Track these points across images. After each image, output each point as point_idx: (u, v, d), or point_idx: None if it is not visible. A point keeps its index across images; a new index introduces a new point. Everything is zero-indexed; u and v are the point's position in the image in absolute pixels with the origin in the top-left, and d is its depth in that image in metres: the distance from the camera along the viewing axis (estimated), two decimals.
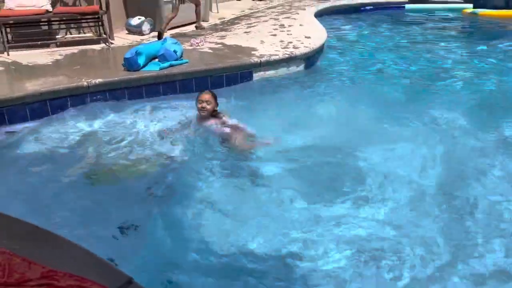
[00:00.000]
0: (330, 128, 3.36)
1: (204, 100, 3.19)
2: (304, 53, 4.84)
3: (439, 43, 6.33)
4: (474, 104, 3.91)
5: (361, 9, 8.86)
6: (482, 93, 4.24)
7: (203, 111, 3.21)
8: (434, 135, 3.22)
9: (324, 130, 3.31)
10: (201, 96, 3.22)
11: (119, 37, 5.56)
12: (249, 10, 8.09)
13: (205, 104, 3.19)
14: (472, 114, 3.64)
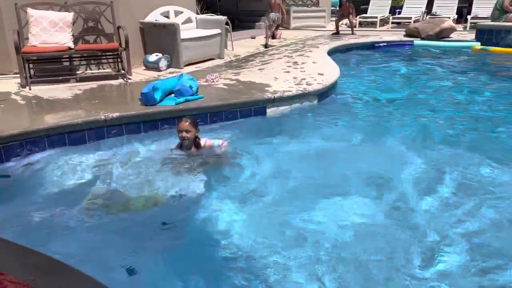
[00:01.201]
0: (340, 165, 3.36)
1: (183, 129, 3.19)
2: (317, 89, 4.91)
3: (452, 78, 6.36)
4: (481, 138, 3.91)
5: (373, 46, 9.00)
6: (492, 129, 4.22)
7: (184, 141, 3.21)
8: (445, 171, 3.19)
9: (334, 166, 3.32)
10: (180, 126, 3.22)
11: (137, 73, 5.72)
12: (263, 48, 8.28)
13: (185, 133, 3.19)
14: (479, 148, 3.65)
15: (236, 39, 8.87)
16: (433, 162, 3.38)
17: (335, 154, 3.61)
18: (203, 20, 7.16)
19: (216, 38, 6.81)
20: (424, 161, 3.38)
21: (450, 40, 9.05)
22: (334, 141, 3.90)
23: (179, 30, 5.99)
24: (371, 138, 3.94)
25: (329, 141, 3.88)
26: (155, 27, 6.19)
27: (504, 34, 8.35)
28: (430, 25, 9.28)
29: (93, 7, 5.51)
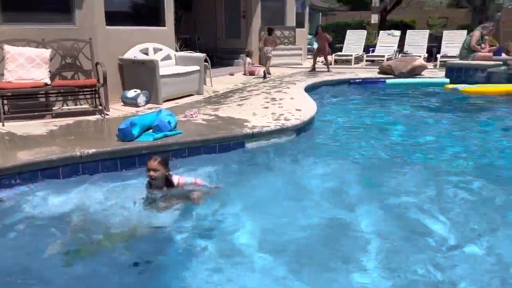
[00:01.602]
0: (316, 201, 3.35)
1: (151, 168, 3.13)
2: (295, 124, 4.97)
3: (423, 115, 6.55)
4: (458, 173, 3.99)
5: (348, 83, 9.25)
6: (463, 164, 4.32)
7: (153, 180, 3.15)
8: (419, 207, 3.24)
9: (310, 203, 3.32)
10: (148, 164, 3.16)
11: (114, 109, 5.69)
12: (242, 84, 8.41)
13: (152, 172, 3.12)
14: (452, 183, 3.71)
15: (215, 76, 8.99)
16: (408, 194, 3.42)
17: (312, 191, 3.60)
18: (182, 57, 7.26)
19: (195, 75, 6.89)
20: (398, 196, 3.41)
21: (422, 78, 9.39)
22: (312, 178, 3.90)
23: (158, 66, 6.04)
24: (348, 174, 3.96)
25: (307, 178, 3.88)
26: (134, 63, 6.23)
27: (472, 72, 8.73)
28: (402, 63, 9.64)
29: (71, 44, 5.53)
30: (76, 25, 5.59)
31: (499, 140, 5.15)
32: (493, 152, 4.70)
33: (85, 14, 5.61)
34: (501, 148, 4.82)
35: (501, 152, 4.70)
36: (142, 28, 6.75)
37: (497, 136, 5.38)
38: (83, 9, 5.59)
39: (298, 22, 13.31)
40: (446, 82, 8.79)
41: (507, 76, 8.28)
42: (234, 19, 12.75)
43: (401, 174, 3.96)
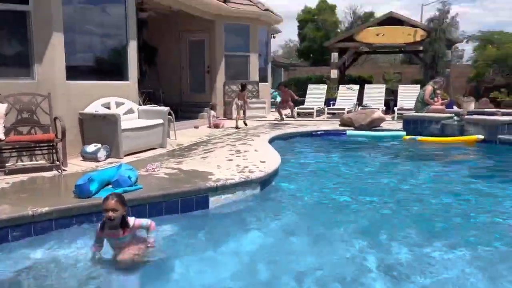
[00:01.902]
0: (282, 260, 3.26)
1: (110, 208, 2.96)
2: (259, 177, 4.95)
3: (383, 165, 6.73)
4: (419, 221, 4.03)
5: (311, 135, 9.44)
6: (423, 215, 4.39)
7: (110, 221, 2.98)
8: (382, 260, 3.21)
9: (275, 262, 3.22)
10: (105, 204, 2.98)
11: (73, 164, 5.50)
12: (206, 137, 8.41)
13: (111, 212, 2.95)
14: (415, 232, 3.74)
15: (180, 129, 8.97)
16: (373, 250, 3.41)
17: (275, 248, 3.51)
18: (145, 111, 7.23)
19: (158, 128, 6.84)
20: (364, 251, 3.39)
21: (381, 130, 9.73)
22: (275, 233, 3.81)
23: (120, 120, 5.96)
24: (312, 228, 3.93)
25: (270, 234, 3.79)
26: (95, 117, 6.12)
27: (427, 124, 9.15)
28: (362, 115, 9.99)
29: (29, 99, 5.40)
30: (35, 79, 5.50)
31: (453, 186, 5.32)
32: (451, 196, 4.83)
33: (45, 68, 5.55)
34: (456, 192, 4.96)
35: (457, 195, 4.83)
36: (105, 82, 6.72)
37: (448, 182, 5.56)
38: (43, 64, 5.53)
39: (262, 76, 13.71)
40: (402, 134, 9.14)
41: (459, 128, 8.71)
42: (198, 74, 13.00)
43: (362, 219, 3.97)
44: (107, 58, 7.11)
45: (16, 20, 5.42)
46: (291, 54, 43.21)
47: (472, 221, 4.11)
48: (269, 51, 14.78)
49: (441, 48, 14.22)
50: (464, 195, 4.98)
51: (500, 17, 59.60)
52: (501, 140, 7.87)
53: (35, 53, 5.46)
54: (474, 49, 21.28)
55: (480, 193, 5.07)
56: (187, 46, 13.05)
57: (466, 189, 5.22)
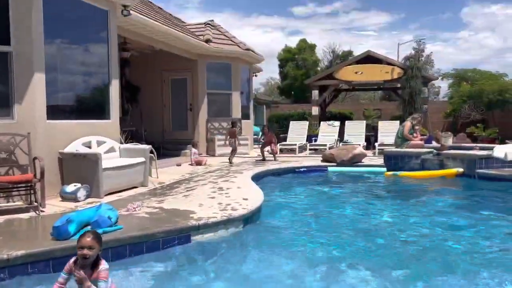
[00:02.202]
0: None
1: (86, 246, 2.79)
2: (242, 214, 4.91)
3: (368, 201, 6.76)
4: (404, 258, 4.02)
5: (294, 171, 9.48)
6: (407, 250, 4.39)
7: (84, 260, 2.81)
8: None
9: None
10: (81, 242, 2.82)
11: (51, 205, 5.37)
12: (188, 175, 8.36)
13: (87, 250, 2.79)
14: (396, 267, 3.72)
15: (162, 167, 8.91)
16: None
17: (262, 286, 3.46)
18: (127, 149, 7.18)
19: (140, 167, 6.78)
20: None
21: (362, 165, 9.84)
22: (259, 271, 3.76)
23: (101, 159, 5.90)
24: (297, 264, 3.88)
25: (254, 272, 3.73)
26: (75, 157, 6.05)
27: (407, 159, 9.30)
28: (343, 151, 10.11)
29: (8, 139, 5.32)
30: (14, 119, 5.43)
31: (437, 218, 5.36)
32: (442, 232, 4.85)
33: (25, 108, 5.50)
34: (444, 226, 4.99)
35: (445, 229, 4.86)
36: (87, 121, 6.69)
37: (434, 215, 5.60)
38: (23, 104, 5.48)
39: (244, 114, 13.87)
40: (383, 170, 9.27)
41: (439, 162, 8.88)
42: (181, 112, 13.09)
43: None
44: (89, 97, 7.12)
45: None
46: (272, 92, 44.01)
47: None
48: (251, 88, 15.04)
49: (418, 85, 14.71)
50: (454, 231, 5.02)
51: (472, 55, 62.38)
52: (479, 174, 8.03)
53: (16, 93, 5.42)
54: (449, 86, 22.09)
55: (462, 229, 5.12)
56: (169, 85, 13.20)
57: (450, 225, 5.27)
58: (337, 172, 9.46)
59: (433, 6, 64.19)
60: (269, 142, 11.03)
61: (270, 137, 11.06)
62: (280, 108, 25.75)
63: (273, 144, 11.01)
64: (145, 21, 8.77)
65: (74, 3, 6.42)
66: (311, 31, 67.60)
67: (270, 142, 11.02)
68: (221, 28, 14.01)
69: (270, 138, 11.06)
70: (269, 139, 11.06)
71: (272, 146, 10.99)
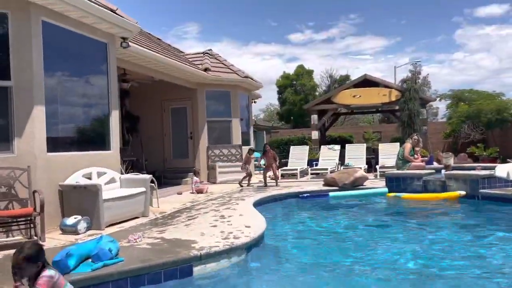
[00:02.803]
0: None
1: (14, 266, 2.73)
2: (245, 242, 4.84)
3: (376, 225, 6.68)
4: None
5: (296, 196, 9.41)
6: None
7: (16, 276, 2.73)
8: None
9: None
10: (11, 260, 2.77)
11: (51, 238, 5.30)
12: (190, 203, 8.29)
13: (16, 269, 2.73)
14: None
15: (163, 196, 8.86)
16: None
17: None
18: (127, 179, 7.15)
19: (141, 197, 6.74)
20: None
21: (364, 188, 9.78)
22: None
23: (101, 190, 5.87)
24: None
25: None
26: (75, 189, 6.02)
27: (409, 181, 9.25)
28: (345, 175, 10.08)
29: (7, 173, 5.31)
30: (14, 153, 5.45)
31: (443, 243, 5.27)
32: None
33: (25, 142, 5.52)
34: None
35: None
36: (87, 153, 6.70)
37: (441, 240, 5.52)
38: (23, 138, 5.51)
39: (244, 140, 13.91)
40: (384, 191, 9.24)
41: (441, 183, 8.82)
42: (181, 140, 13.13)
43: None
44: (89, 128, 7.15)
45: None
46: (272, 117, 44.26)
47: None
48: (250, 115, 15.13)
49: (416, 107, 14.79)
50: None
51: (468, 76, 63.02)
52: (482, 194, 7.97)
53: (16, 127, 5.46)
54: (447, 106, 22.19)
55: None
56: (169, 114, 13.29)
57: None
58: (339, 197, 9.38)
59: (427, 30, 65.28)
60: (270, 165, 10.99)
61: (271, 158, 11.01)
62: (280, 133, 25.83)
63: (274, 168, 10.97)
64: (144, 52, 8.91)
65: (74, 36, 6.53)
66: (308, 57, 68.58)
67: (270, 165, 10.97)
68: (219, 56, 14.22)
69: (271, 160, 11.00)
70: (269, 163, 11.02)
71: (274, 169, 10.95)
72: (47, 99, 5.88)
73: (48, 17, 5.94)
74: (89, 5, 6.19)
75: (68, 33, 6.38)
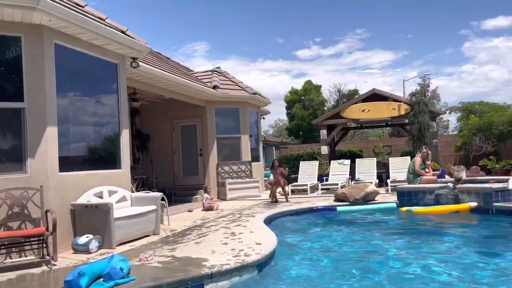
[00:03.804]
0: None
1: None
2: (256, 260, 4.81)
3: (385, 239, 6.60)
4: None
5: (308, 211, 9.35)
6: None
7: None
8: None
9: None
10: None
11: (63, 258, 5.33)
12: (200, 221, 8.29)
13: None
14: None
15: (174, 213, 8.88)
16: None
17: None
18: (138, 197, 7.19)
19: (152, 215, 6.76)
20: None
21: (375, 203, 9.70)
22: None
23: (112, 209, 5.90)
24: None
25: None
26: (86, 208, 6.06)
27: (421, 194, 9.16)
28: (355, 190, 10.01)
29: (20, 193, 5.37)
30: (27, 173, 5.52)
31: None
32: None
33: (38, 162, 5.59)
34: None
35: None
36: (98, 172, 6.76)
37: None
38: (36, 158, 5.59)
39: (254, 156, 13.92)
40: (393, 206, 9.26)
41: (454, 197, 8.72)
42: (191, 157, 13.19)
43: None
44: (100, 147, 7.24)
45: (10, 116, 5.58)
46: (281, 133, 44.34)
47: None
48: (259, 131, 15.18)
49: (426, 120, 14.70)
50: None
51: (478, 87, 62.63)
52: (496, 208, 7.84)
53: (29, 147, 5.54)
54: (458, 119, 22.05)
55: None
56: (179, 131, 13.39)
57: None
58: (348, 212, 9.31)
59: (434, 43, 65.30)
60: (278, 181, 10.94)
61: (278, 175, 10.96)
62: (289, 148, 25.81)
63: (283, 184, 10.95)
64: (153, 71, 9.04)
65: (85, 58, 6.66)
66: (316, 73, 68.86)
67: (278, 181, 10.93)
68: (228, 74, 14.36)
69: (278, 176, 10.96)
70: (277, 179, 10.98)
71: (283, 186, 10.93)
72: (59, 119, 5.98)
73: (61, 40, 6.08)
74: (100, 27, 6.34)
75: (79, 54, 6.52)
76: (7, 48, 5.65)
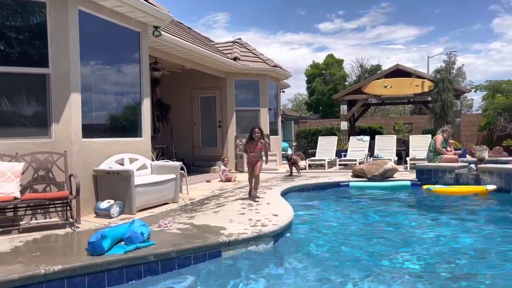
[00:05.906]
0: None
1: None
2: (272, 230, 4.88)
3: (403, 214, 6.60)
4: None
5: (324, 186, 9.38)
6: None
7: None
8: None
9: None
10: None
11: (86, 221, 5.51)
12: (218, 191, 8.40)
13: None
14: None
15: (192, 183, 9.02)
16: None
17: None
18: (158, 166, 7.31)
19: (171, 183, 6.89)
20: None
21: (394, 180, 9.64)
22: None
23: (133, 176, 6.03)
24: (329, 281, 3.82)
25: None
26: (108, 174, 6.20)
27: (441, 173, 9.06)
28: (374, 166, 9.94)
29: (45, 157, 5.53)
30: (52, 138, 5.66)
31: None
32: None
33: (62, 127, 5.72)
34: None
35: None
36: (119, 139, 6.88)
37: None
38: (60, 123, 5.71)
39: (272, 130, 13.91)
40: (407, 184, 9.27)
41: (475, 177, 8.59)
42: (210, 129, 13.26)
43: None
44: (121, 115, 7.33)
45: (36, 82, 5.68)
46: (300, 107, 44.00)
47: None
48: (279, 105, 15.10)
49: (450, 98, 14.35)
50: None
51: (506, 66, 60.57)
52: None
53: (53, 113, 5.66)
54: (483, 98, 21.47)
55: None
56: (199, 102, 13.43)
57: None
58: (364, 187, 9.30)
59: (462, 18, 63.06)
60: (254, 161, 11.03)
61: (259, 150, 11.05)
62: (308, 123, 25.68)
63: (297, 164, 11.14)
64: (175, 41, 9.01)
65: (108, 25, 6.67)
66: (338, 47, 67.60)
67: (255, 161, 11.02)
68: (249, 46, 14.21)
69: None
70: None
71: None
72: (82, 87, 6.06)
73: (84, 6, 6.09)
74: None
75: (102, 22, 6.53)
76: (32, 14, 5.70)
